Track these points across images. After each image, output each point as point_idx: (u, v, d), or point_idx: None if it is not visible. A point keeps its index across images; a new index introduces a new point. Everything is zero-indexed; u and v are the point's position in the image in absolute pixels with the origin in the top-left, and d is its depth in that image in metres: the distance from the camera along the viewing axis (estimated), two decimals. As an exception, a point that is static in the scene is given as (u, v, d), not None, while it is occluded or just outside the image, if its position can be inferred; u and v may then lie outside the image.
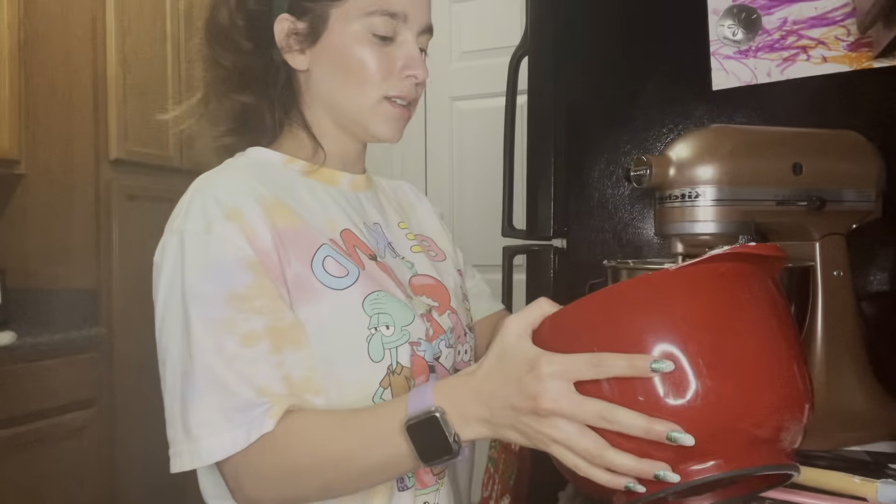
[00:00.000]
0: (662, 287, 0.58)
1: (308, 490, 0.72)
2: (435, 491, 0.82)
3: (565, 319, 0.61)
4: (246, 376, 0.70)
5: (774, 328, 0.58)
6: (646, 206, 1.32)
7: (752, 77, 1.23)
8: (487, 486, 1.30)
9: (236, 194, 0.75)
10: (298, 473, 0.70)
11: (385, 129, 0.83)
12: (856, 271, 1.03)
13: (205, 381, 0.70)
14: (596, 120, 1.35)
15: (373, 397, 0.76)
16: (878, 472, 0.81)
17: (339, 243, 0.79)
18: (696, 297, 0.57)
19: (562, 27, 1.37)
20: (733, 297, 0.58)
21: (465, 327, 0.92)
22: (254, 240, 0.73)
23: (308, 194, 0.82)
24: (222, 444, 0.69)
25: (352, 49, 0.80)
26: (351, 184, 0.88)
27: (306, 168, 0.84)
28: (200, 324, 0.71)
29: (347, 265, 0.78)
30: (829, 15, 1.18)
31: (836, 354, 0.96)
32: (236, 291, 0.71)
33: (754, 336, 0.57)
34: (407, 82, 0.82)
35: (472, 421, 0.63)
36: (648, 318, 0.57)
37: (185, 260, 0.72)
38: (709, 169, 0.94)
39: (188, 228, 0.73)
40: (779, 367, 0.57)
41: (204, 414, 0.69)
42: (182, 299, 0.72)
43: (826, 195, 0.95)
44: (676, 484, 0.55)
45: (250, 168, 0.82)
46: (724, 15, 1.24)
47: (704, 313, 0.57)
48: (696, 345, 0.55)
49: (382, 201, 0.93)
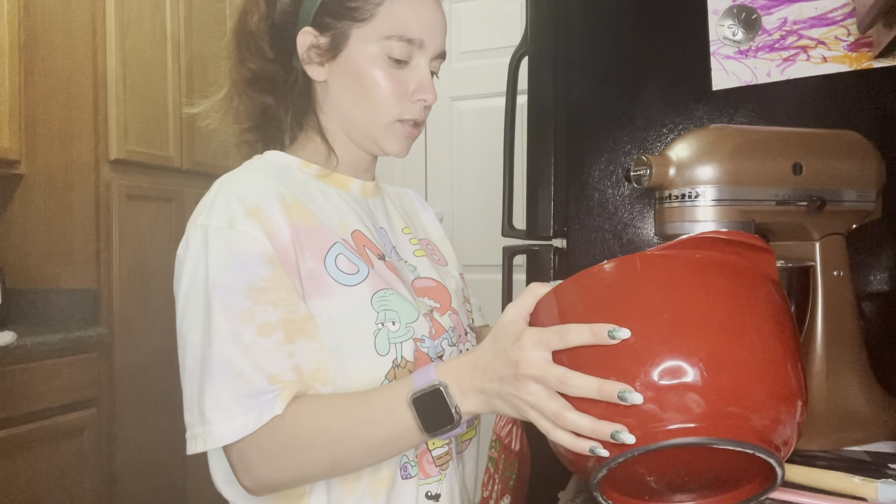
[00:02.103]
0: (631, 269, 0.62)
1: (315, 468, 0.74)
2: (438, 481, 0.85)
3: (550, 300, 0.65)
4: (260, 365, 0.73)
5: (749, 316, 0.60)
6: (646, 206, 1.32)
7: (752, 77, 1.23)
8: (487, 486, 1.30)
9: (257, 193, 0.79)
10: (306, 450, 0.73)
11: (395, 147, 0.88)
12: (856, 271, 1.03)
13: (221, 367, 0.73)
14: (596, 120, 1.35)
15: None
16: (878, 472, 0.81)
17: (350, 243, 0.83)
18: (662, 279, 0.61)
19: (562, 27, 1.37)
20: (704, 280, 0.61)
21: (466, 327, 0.96)
22: (273, 236, 0.77)
23: (322, 196, 0.86)
24: (234, 428, 0.72)
25: (367, 69, 0.84)
26: (361, 190, 0.92)
27: (320, 173, 0.88)
28: (220, 313, 0.74)
29: (358, 263, 0.82)
30: (829, 15, 1.18)
31: (836, 354, 0.96)
32: (255, 284, 0.75)
33: (722, 318, 0.59)
34: (417, 105, 0.86)
35: (470, 393, 0.68)
36: (617, 297, 0.61)
37: (208, 253, 0.76)
38: (709, 169, 0.94)
39: (212, 224, 0.77)
40: (747, 349, 0.58)
41: (218, 399, 0.73)
42: (204, 290, 0.76)
43: (826, 195, 0.95)
44: (635, 447, 0.57)
45: (269, 169, 0.86)
46: (724, 15, 1.24)
47: (667, 293, 0.60)
48: (657, 321, 0.58)
49: (389, 208, 0.97)
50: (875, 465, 0.85)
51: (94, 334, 2.34)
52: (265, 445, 0.73)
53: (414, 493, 0.83)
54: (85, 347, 2.31)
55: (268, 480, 0.74)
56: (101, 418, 2.35)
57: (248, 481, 0.75)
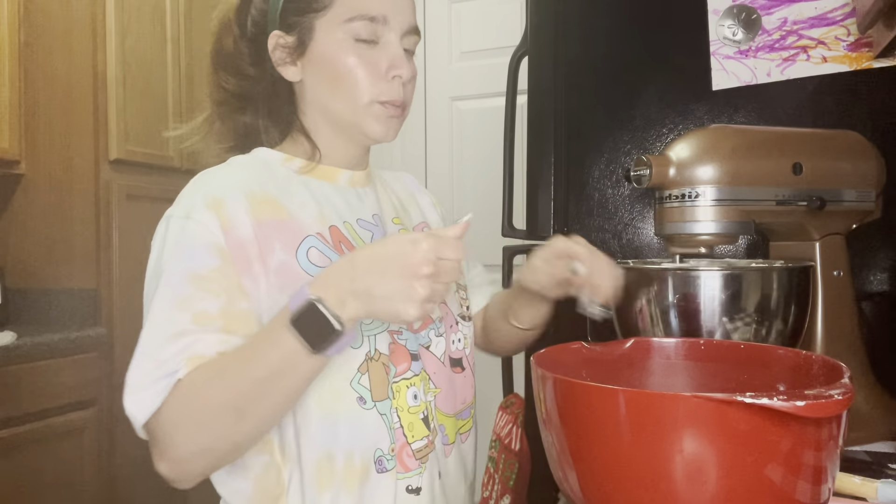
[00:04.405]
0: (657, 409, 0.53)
1: (221, 426, 0.72)
2: (418, 475, 0.84)
3: (573, 389, 0.59)
4: (186, 352, 0.72)
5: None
6: (646, 206, 1.32)
7: (752, 77, 1.23)
8: (487, 486, 1.30)
9: (223, 187, 0.81)
10: (207, 408, 0.71)
11: (378, 129, 0.87)
12: (856, 271, 1.03)
13: (144, 351, 0.73)
14: (596, 120, 1.35)
15: (350, 382, 0.79)
16: (878, 472, 0.81)
17: (325, 237, 0.84)
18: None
19: (562, 27, 1.37)
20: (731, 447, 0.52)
21: (458, 317, 0.96)
22: (230, 229, 0.78)
23: (303, 190, 0.86)
24: (142, 402, 0.71)
25: (337, 56, 0.84)
26: (349, 180, 0.92)
27: (304, 167, 0.88)
28: (160, 297, 0.75)
29: (332, 256, 0.82)
30: (829, 15, 1.18)
31: (836, 354, 0.96)
32: (199, 272, 0.75)
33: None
34: (394, 84, 0.85)
35: (349, 298, 0.68)
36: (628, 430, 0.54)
37: (165, 241, 0.79)
38: (709, 169, 0.94)
39: (174, 214, 0.80)
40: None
41: (134, 378, 0.72)
42: (156, 276, 0.77)
43: (826, 195, 0.95)
44: None
45: (250, 164, 0.87)
46: (724, 15, 1.24)
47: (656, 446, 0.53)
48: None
49: (381, 197, 0.96)
50: (875, 465, 0.85)
51: (94, 334, 2.34)
52: (169, 417, 0.71)
53: (392, 488, 0.81)
54: (85, 347, 2.30)
55: (180, 456, 0.72)
56: (101, 418, 2.35)
57: (165, 465, 0.72)
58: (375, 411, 0.81)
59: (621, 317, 1.00)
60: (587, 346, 0.77)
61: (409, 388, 0.85)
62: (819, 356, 0.69)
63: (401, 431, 0.83)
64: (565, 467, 0.60)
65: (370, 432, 0.80)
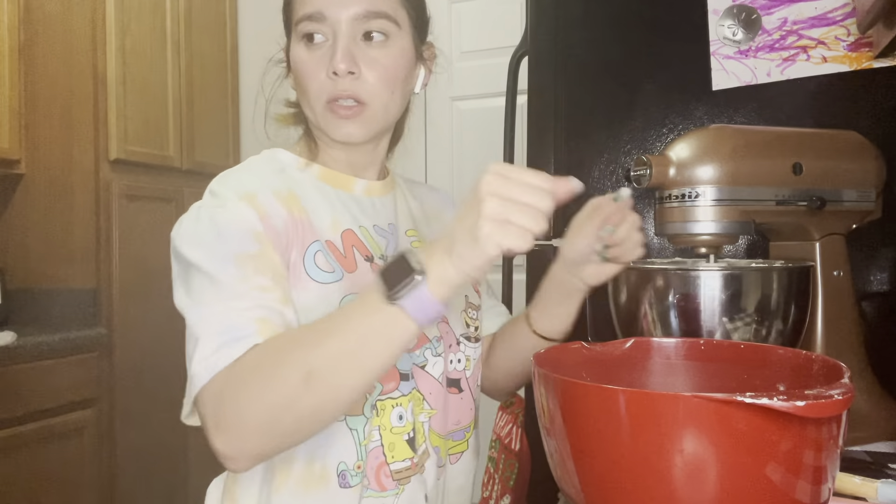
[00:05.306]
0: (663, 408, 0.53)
1: (291, 391, 0.65)
2: (394, 495, 0.82)
3: (583, 392, 0.59)
4: (254, 313, 0.71)
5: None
6: (646, 206, 1.32)
7: (752, 77, 1.23)
8: (487, 487, 1.30)
9: (252, 183, 0.81)
10: (278, 369, 0.66)
11: (335, 131, 0.84)
12: (856, 271, 1.03)
13: (211, 322, 0.71)
14: (596, 120, 1.35)
15: None
16: (878, 472, 0.81)
17: (335, 244, 0.83)
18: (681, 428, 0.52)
19: (562, 27, 1.37)
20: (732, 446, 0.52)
21: (460, 336, 0.93)
22: (266, 218, 0.78)
23: (318, 195, 0.86)
24: (213, 362, 0.68)
25: (294, 60, 0.86)
26: (365, 190, 0.91)
27: (320, 173, 0.89)
28: (213, 278, 0.73)
29: (335, 265, 0.82)
30: (829, 15, 1.18)
31: (836, 354, 0.96)
32: (248, 252, 0.75)
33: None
34: (337, 80, 0.82)
35: (438, 251, 0.63)
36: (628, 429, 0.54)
37: (198, 226, 0.77)
38: (709, 169, 0.94)
39: (204, 205, 0.79)
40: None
41: (203, 353, 0.69)
42: (196, 260, 0.75)
43: (826, 195, 0.95)
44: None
45: (269, 166, 0.87)
46: (724, 15, 1.24)
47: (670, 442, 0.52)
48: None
49: (399, 207, 0.96)
50: (875, 465, 0.85)
51: (94, 334, 2.34)
52: (241, 374, 0.67)
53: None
54: (85, 347, 2.31)
55: (241, 425, 0.66)
56: (101, 418, 2.35)
57: (222, 438, 0.66)
58: (345, 425, 0.80)
59: (621, 317, 1.00)
60: (587, 346, 0.77)
61: (395, 408, 0.83)
62: (819, 356, 0.69)
63: (380, 450, 0.81)
64: (565, 467, 0.60)
65: (334, 444, 0.79)
